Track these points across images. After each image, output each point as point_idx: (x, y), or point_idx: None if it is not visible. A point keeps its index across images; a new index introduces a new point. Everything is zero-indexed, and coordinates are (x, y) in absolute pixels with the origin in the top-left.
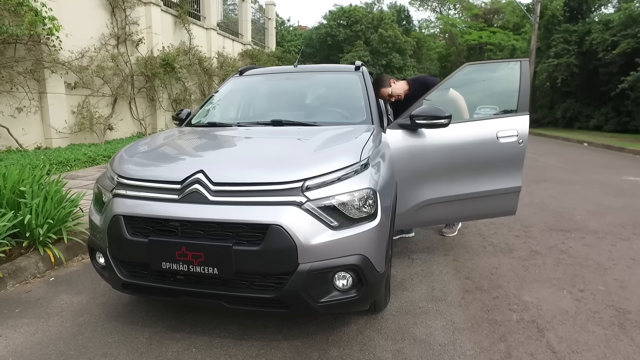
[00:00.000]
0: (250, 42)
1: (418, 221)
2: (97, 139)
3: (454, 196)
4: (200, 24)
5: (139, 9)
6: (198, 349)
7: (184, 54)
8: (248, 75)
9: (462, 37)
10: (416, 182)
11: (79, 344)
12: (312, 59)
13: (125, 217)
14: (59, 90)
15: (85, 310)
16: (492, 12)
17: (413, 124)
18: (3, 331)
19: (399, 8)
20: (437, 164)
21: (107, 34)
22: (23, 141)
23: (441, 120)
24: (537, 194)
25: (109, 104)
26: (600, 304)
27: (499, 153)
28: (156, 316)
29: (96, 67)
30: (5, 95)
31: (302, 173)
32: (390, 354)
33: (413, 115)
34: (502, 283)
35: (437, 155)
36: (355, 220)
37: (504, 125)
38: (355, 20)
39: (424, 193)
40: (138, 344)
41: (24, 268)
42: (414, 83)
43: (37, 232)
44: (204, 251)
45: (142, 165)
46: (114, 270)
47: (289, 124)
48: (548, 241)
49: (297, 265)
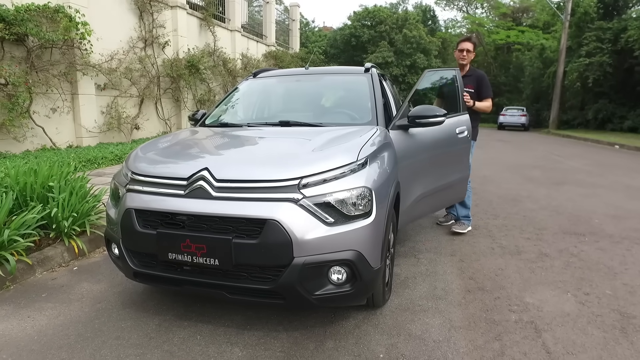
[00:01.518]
0: (274, 44)
1: (411, 217)
2: (124, 138)
3: (434, 189)
4: (225, 26)
5: (165, 13)
6: (202, 336)
7: (209, 55)
8: (261, 77)
9: (489, 36)
10: (414, 178)
11: (95, 328)
12: (336, 60)
13: (137, 210)
14: (90, 92)
15: (103, 298)
16: (521, 11)
17: (413, 123)
18: (31, 313)
19: (425, 8)
20: (425, 160)
21: (135, 37)
22: (56, 140)
23: (438, 119)
24: (556, 197)
25: (136, 105)
26: (605, 308)
27: (459, 147)
28: (167, 305)
29: (124, 69)
30: (41, 97)
31: (299, 171)
32: (384, 348)
33: (411, 115)
34: (505, 284)
35: (424, 152)
36: (350, 217)
37: (458, 123)
38: (380, 20)
39: (418, 188)
40: (148, 329)
41: (51, 257)
42: (475, 71)
43: (62, 224)
44: (206, 243)
45: (153, 163)
46: (126, 260)
47: (296, 125)
48: (559, 244)
49: (293, 259)
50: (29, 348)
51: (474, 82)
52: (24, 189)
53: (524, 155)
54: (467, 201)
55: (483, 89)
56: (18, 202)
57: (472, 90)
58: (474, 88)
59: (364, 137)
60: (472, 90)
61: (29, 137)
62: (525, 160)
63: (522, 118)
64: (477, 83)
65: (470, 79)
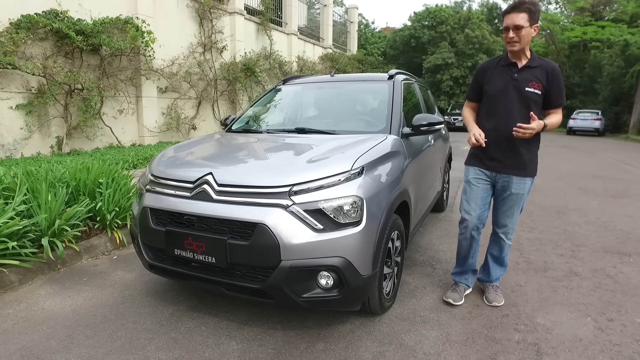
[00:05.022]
0: (330, 46)
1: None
2: (182, 137)
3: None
4: (282, 29)
5: (224, 19)
6: (206, 328)
7: (265, 58)
8: (289, 84)
9: (562, 34)
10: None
11: (118, 311)
12: (395, 62)
13: (151, 209)
14: (152, 94)
15: (131, 285)
16: (602, 4)
17: (417, 130)
18: (71, 294)
19: (491, 6)
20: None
21: (195, 43)
22: (122, 139)
23: (439, 125)
24: (609, 212)
25: (194, 106)
26: (627, 338)
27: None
28: (183, 296)
29: (184, 72)
30: (110, 100)
31: (291, 178)
32: (371, 355)
33: (415, 124)
34: (519, 302)
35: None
36: (339, 225)
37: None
38: (441, 21)
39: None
40: (161, 317)
41: (96, 246)
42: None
43: (106, 217)
44: (205, 242)
45: (169, 166)
46: (142, 253)
47: (311, 132)
48: (596, 263)
49: (280, 261)
50: (63, 323)
51: (543, 79)
52: (78, 184)
53: (587, 164)
54: (506, 257)
55: (555, 93)
56: (73, 195)
57: (538, 91)
58: (542, 88)
59: (366, 146)
60: (538, 91)
61: (98, 136)
62: (587, 169)
63: (596, 122)
64: (549, 80)
65: (536, 73)
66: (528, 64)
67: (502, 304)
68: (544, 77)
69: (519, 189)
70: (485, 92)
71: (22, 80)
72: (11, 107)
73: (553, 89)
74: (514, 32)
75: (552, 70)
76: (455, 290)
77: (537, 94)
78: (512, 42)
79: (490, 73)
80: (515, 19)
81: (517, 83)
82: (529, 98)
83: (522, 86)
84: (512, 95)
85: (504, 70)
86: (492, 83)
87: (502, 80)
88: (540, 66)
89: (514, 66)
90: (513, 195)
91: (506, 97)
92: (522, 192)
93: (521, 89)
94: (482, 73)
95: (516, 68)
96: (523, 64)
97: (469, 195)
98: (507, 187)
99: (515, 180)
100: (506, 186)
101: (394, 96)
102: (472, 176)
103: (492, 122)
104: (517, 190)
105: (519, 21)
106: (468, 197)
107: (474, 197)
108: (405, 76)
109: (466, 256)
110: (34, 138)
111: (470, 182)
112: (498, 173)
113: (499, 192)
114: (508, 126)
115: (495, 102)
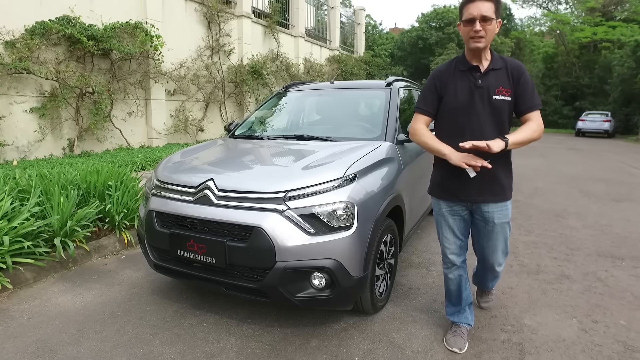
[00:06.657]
0: (337, 48)
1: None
2: (189, 139)
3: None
4: (289, 32)
5: (231, 22)
6: (208, 324)
7: (272, 60)
8: (291, 91)
9: (571, 34)
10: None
11: (126, 308)
12: (402, 63)
13: (157, 212)
14: (160, 97)
15: (138, 284)
16: (613, 4)
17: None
18: (82, 291)
19: None
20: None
21: (203, 46)
22: (131, 141)
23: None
24: (609, 215)
25: (201, 108)
26: (609, 339)
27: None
28: (187, 295)
29: (192, 75)
30: (120, 103)
31: (286, 185)
32: (361, 352)
33: None
34: (508, 303)
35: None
36: (332, 229)
37: None
38: (448, 22)
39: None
40: (166, 314)
41: (105, 246)
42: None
43: (115, 218)
44: (206, 244)
45: (173, 172)
46: (148, 253)
47: (310, 139)
48: (588, 267)
49: (275, 263)
50: (74, 319)
51: (510, 81)
52: (88, 186)
53: (592, 166)
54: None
55: (528, 92)
56: (84, 197)
57: (507, 97)
58: (510, 94)
59: (360, 153)
60: (507, 97)
61: (108, 138)
62: (591, 172)
63: (605, 124)
64: (515, 81)
65: (500, 75)
66: (491, 67)
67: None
68: (510, 79)
69: (502, 217)
70: (445, 105)
71: (36, 85)
72: (25, 111)
73: (523, 89)
74: (481, 24)
75: (518, 68)
76: (456, 333)
77: (506, 101)
78: (478, 37)
79: (448, 81)
80: (482, 8)
81: (482, 91)
82: (499, 107)
83: (489, 94)
84: (479, 107)
85: (464, 76)
86: (452, 93)
87: (465, 88)
88: (503, 67)
89: (476, 70)
90: (497, 227)
91: (473, 110)
92: (506, 220)
93: (489, 98)
94: (439, 80)
95: (479, 72)
96: (485, 67)
97: (445, 229)
98: (489, 219)
99: (496, 209)
100: (487, 217)
101: (390, 103)
102: (445, 209)
103: (459, 141)
104: (501, 220)
105: (486, 11)
106: (444, 231)
107: (451, 231)
108: (404, 83)
109: (459, 290)
110: (46, 140)
111: (444, 215)
112: (475, 202)
113: (480, 225)
114: None
115: (459, 117)
